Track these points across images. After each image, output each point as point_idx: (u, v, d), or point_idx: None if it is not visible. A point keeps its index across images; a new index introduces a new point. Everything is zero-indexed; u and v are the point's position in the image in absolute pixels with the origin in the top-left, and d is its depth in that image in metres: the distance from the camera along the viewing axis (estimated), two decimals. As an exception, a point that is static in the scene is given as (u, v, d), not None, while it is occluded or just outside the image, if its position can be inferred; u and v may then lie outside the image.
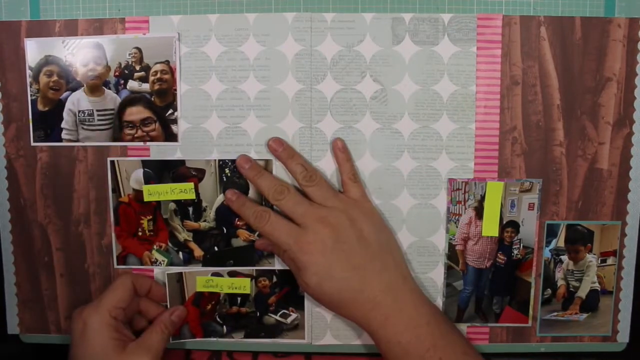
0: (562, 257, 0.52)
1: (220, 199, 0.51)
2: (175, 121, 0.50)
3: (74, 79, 0.50)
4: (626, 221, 0.51)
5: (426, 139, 0.50)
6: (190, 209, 0.51)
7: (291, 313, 0.53)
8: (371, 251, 0.46)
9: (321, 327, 0.53)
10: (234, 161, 0.50)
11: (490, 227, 0.51)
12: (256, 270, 0.52)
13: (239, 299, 0.52)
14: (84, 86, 0.50)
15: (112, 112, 0.50)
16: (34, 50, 0.50)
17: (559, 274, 0.52)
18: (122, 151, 0.51)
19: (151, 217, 0.52)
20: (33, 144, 0.51)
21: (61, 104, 0.50)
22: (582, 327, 0.53)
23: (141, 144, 0.51)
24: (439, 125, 0.50)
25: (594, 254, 0.52)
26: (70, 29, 0.50)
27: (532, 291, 0.52)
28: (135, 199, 0.51)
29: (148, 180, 0.51)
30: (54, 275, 0.53)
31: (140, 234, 0.52)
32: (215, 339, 0.53)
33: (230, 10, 0.50)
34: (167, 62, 0.50)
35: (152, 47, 0.50)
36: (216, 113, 0.50)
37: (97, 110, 0.51)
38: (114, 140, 0.51)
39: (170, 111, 0.50)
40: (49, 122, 0.51)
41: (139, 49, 0.50)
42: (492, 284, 0.52)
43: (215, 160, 0.51)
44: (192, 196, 0.51)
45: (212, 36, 0.50)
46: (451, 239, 0.51)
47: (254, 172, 0.49)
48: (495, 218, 0.51)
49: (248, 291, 0.52)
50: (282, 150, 0.49)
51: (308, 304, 0.52)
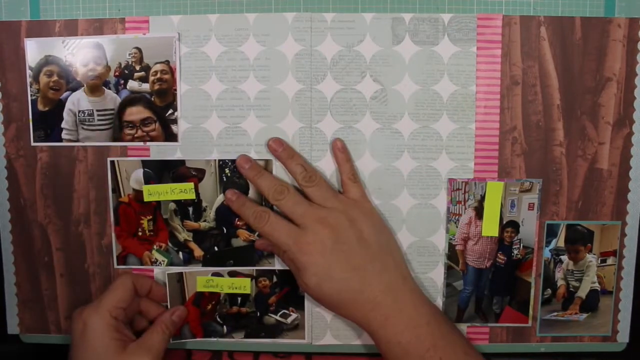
0: (562, 257, 0.52)
1: (220, 199, 0.51)
2: (175, 121, 0.50)
3: (74, 79, 0.50)
4: (626, 221, 0.51)
5: (426, 139, 0.50)
6: (190, 209, 0.51)
7: (291, 313, 0.53)
8: (371, 252, 0.46)
9: (321, 327, 0.53)
10: (234, 161, 0.50)
11: (490, 227, 0.51)
12: (256, 270, 0.52)
13: (239, 299, 0.52)
14: (84, 86, 0.50)
15: (112, 112, 0.50)
16: (34, 50, 0.50)
17: (559, 274, 0.52)
18: (122, 151, 0.51)
19: (151, 217, 0.51)
20: (33, 144, 0.51)
21: (61, 104, 0.50)
22: (582, 327, 0.53)
23: (141, 144, 0.51)
24: (439, 125, 0.50)
25: (594, 254, 0.52)
26: (70, 29, 0.50)
27: (532, 291, 0.52)
28: (135, 199, 0.51)
29: (148, 180, 0.51)
30: (54, 275, 0.53)
31: (140, 234, 0.52)
32: (215, 339, 0.53)
33: (230, 10, 0.50)
34: (167, 62, 0.50)
35: (152, 47, 0.50)
36: (216, 113, 0.50)
37: (97, 110, 0.51)
38: (114, 140, 0.51)
39: (170, 111, 0.50)
40: (49, 122, 0.51)
41: (139, 49, 0.50)
42: (492, 284, 0.52)
43: (215, 160, 0.51)
44: (192, 196, 0.51)
45: (212, 36, 0.50)
46: (451, 239, 0.51)
47: (253, 172, 0.49)
48: (495, 218, 0.51)
49: (248, 291, 0.52)
50: (282, 151, 0.49)
51: (308, 304, 0.52)
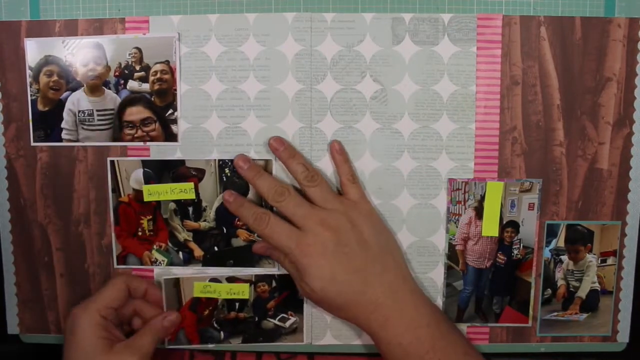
0: (562, 257, 0.52)
1: (220, 198, 0.51)
2: (175, 121, 0.50)
3: (74, 79, 0.50)
4: (626, 221, 0.51)
5: (426, 139, 0.50)
6: (190, 208, 0.51)
7: (290, 317, 0.52)
8: (371, 253, 0.46)
9: (321, 328, 0.53)
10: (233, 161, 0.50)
11: (490, 227, 0.51)
12: (255, 275, 0.52)
13: (237, 304, 0.52)
14: (84, 86, 0.50)
15: (112, 112, 0.50)
16: (34, 50, 0.50)
17: (559, 274, 0.52)
18: (122, 151, 0.51)
19: (151, 217, 0.51)
20: (33, 144, 0.51)
21: (61, 104, 0.50)
22: (582, 327, 0.53)
23: (141, 144, 0.51)
24: (439, 125, 0.50)
25: (594, 254, 0.52)
26: (70, 29, 0.50)
27: (532, 291, 0.52)
28: (135, 198, 0.51)
29: (148, 180, 0.51)
30: (54, 275, 0.53)
31: (140, 233, 0.52)
32: (212, 345, 0.52)
33: (230, 10, 0.50)
34: (167, 62, 0.50)
35: (152, 47, 0.50)
36: (216, 113, 0.50)
37: (97, 110, 0.50)
38: (114, 140, 0.51)
39: (170, 111, 0.50)
40: (49, 122, 0.51)
41: (139, 49, 0.50)
42: (492, 284, 0.52)
43: (215, 160, 0.51)
44: (192, 196, 0.51)
45: (212, 36, 0.50)
46: (451, 239, 0.51)
47: (252, 173, 0.49)
48: (495, 218, 0.51)
49: (247, 296, 0.52)
50: (283, 150, 0.49)
51: (307, 306, 0.52)
